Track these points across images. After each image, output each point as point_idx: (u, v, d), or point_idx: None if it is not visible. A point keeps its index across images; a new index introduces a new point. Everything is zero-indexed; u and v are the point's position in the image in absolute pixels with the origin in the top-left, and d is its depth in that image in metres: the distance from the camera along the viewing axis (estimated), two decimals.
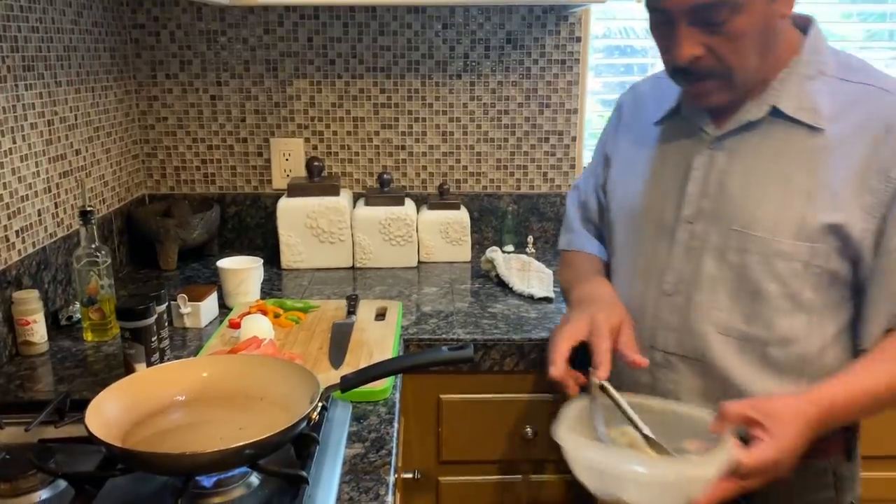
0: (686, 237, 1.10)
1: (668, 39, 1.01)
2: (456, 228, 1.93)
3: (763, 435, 0.92)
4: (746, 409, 0.94)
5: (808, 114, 1.03)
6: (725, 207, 1.06)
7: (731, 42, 0.98)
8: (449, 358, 1.05)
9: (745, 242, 1.04)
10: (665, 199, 1.12)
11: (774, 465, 0.92)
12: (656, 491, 0.91)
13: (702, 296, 1.08)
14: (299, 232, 1.87)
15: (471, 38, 1.99)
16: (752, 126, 1.06)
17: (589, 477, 0.95)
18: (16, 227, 1.41)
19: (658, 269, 1.12)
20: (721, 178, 1.07)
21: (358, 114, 2.04)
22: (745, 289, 1.05)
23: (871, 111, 1.02)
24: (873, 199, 1.00)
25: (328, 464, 1.00)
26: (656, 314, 1.12)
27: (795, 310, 1.04)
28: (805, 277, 1.03)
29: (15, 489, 0.92)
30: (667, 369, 1.12)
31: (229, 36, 1.97)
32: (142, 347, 1.22)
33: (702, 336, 1.08)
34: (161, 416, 1.01)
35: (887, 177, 0.99)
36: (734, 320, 1.06)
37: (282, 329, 1.44)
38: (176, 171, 2.06)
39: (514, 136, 2.06)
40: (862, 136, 1.01)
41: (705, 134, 1.10)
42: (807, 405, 0.95)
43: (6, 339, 1.36)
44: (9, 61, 1.40)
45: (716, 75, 1.01)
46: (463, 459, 1.53)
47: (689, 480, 0.90)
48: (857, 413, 1.02)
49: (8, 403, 1.19)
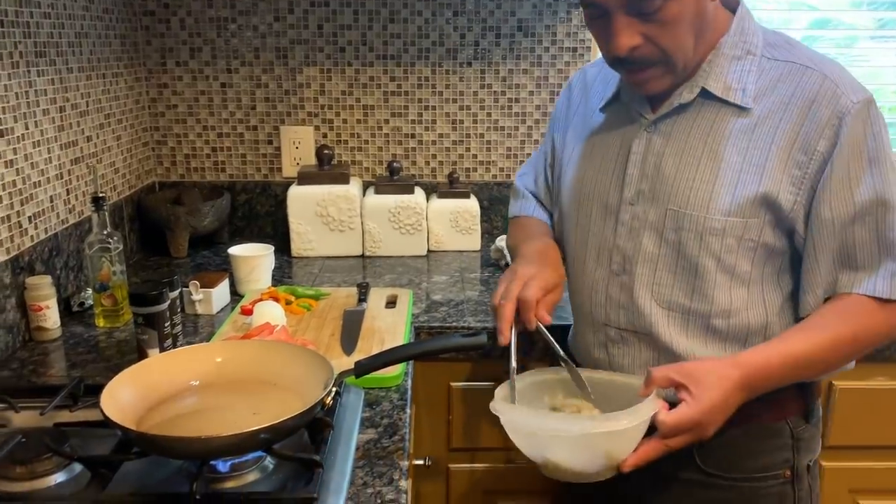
0: (628, 218, 1.13)
1: (605, 32, 1.03)
2: (466, 217, 1.93)
3: (686, 397, 0.96)
4: (671, 373, 0.99)
5: (736, 94, 1.06)
6: (661, 188, 1.09)
7: (666, 28, 1.00)
8: (463, 344, 1.06)
9: (680, 221, 1.07)
10: (609, 183, 1.16)
11: (696, 426, 0.96)
12: (576, 446, 0.96)
13: (644, 273, 1.12)
14: (309, 220, 1.87)
15: (481, 25, 1.98)
16: (684, 108, 1.09)
17: (521, 441, 1.01)
18: (28, 213, 1.41)
19: (607, 249, 1.16)
20: (657, 160, 1.10)
21: (368, 102, 2.03)
22: (683, 265, 1.09)
23: (794, 88, 1.04)
24: (800, 172, 1.03)
25: (342, 449, 1.00)
26: (608, 293, 1.16)
27: (733, 283, 1.08)
28: (740, 252, 1.06)
29: (31, 472, 0.92)
30: (621, 344, 1.16)
31: (239, 23, 1.97)
32: (155, 333, 1.22)
33: (647, 312, 1.12)
34: (175, 400, 1.02)
35: (814, 150, 1.02)
36: (676, 295, 1.10)
37: (293, 316, 1.45)
38: (186, 158, 2.06)
39: (525, 125, 2.05)
40: (787, 113, 1.03)
41: (643, 118, 1.13)
42: (731, 368, 0.98)
43: (19, 325, 1.36)
44: (21, 47, 1.40)
45: (655, 63, 1.03)
46: (472, 447, 1.53)
47: (607, 435, 0.94)
48: (786, 377, 1.04)
49: (22, 388, 1.19)
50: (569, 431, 0.95)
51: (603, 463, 0.97)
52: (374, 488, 0.94)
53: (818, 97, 1.02)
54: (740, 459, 1.12)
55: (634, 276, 1.12)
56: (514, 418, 0.99)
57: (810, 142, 1.02)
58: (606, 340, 1.17)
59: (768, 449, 1.13)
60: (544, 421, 0.99)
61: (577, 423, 0.97)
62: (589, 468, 0.98)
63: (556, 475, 1.00)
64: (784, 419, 1.13)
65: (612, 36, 1.01)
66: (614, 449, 0.96)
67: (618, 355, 1.17)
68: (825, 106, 1.01)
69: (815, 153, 1.02)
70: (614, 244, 1.14)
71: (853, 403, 1.55)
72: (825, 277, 1.05)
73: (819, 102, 1.02)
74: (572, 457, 0.97)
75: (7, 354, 1.32)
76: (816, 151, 1.02)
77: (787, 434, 1.13)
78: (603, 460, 0.97)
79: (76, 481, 0.93)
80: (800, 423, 1.14)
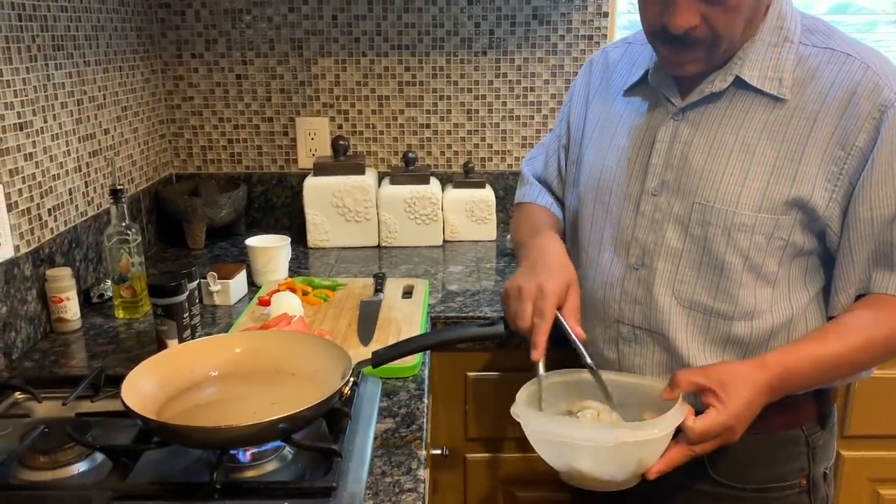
0: (650, 209, 1.08)
1: (663, 4, 0.98)
2: (481, 207, 1.92)
3: (714, 401, 0.93)
4: (697, 377, 0.95)
5: (772, 83, 1.01)
6: (688, 180, 1.05)
7: (728, 14, 0.96)
8: (480, 334, 1.05)
9: (707, 215, 1.03)
10: (630, 171, 1.11)
11: (725, 431, 0.93)
12: (606, 455, 0.92)
13: (665, 268, 1.07)
14: (325, 211, 1.87)
15: (496, 14, 1.97)
16: (716, 97, 1.04)
17: (545, 450, 0.97)
18: (48, 206, 1.43)
19: (624, 241, 1.11)
20: (684, 150, 1.06)
21: (383, 92, 2.03)
22: (707, 262, 1.04)
23: (834, 77, 0.99)
24: (837, 168, 0.98)
25: (360, 438, 1.01)
26: (624, 287, 1.11)
27: (759, 283, 1.03)
28: (768, 250, 1.02)
29: (54, 461, 0.94)
30: (634, 343, 1.11)
31: (254, 14, 1.97)
32: (174, 324, 1.23)
33: (666, 309, 1.07)
34: (195, 391, 1.03)
35: (852, 145, 0.98)
36: (698, 293, 1.05)
37: (310, 306, 1.45)
38: (202, 150, 2.07)
39: (540, 114, 2.04)
40: (825, 105, 0.99)
41: (671, 105, 1.08)
42: (758, 371, 0.95)
43: (41, 316, 1.38)
44: (39, 40, 1.41)
45: (702, 45, 0.99)
46: (490, 436, 1.53)
47: (640, 444, 0.91)
48: (812, 380, 1.01)
49: (44, 378, 1.21)
50: (603, 441, 0.91)
51: (632, 471, 0.94)
52: (392, 477, 0.95)
53: (859, 88, 0.97)
54: (753, 469, 1.08)
55: (654, 272, 1.07)
56: (540, 426, 0.95)
57: (848, 136, 0.97)
58: (618, 337, 1.13)
59: (783, 458, 1.09)
60: (574, 429, 0.95)
61: (609, 433, 0.92)
62: (617, 477, 0.94)
63: (581, 484, 0.96)
64: (799, 426, 1.09)
65: (672, 12, 0.96)
66: (644, 457, 0.93)
67: (629, 354, 1.12)
68: (866, 98, 0.97)
69: (853, 148, 0.97)
70: (633, 236, 1.10)
71: (873, 393, 1.53)
72: (859, 276, 1.01)
73: (860, 94, 0.97)
74: (600, 466, 0.93)
75: (29, 346, 1.34)
76: (855, 146, 0.97)
77: (802, 442, 1.09)
78: (633, 469, 0.93)
79: (98, 470, 0.94)
80: (815, 429, 1.10)
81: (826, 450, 1.12)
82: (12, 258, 1.30)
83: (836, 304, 1.04)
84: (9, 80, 1.31)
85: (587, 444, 0.92)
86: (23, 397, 1.12)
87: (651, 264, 1.08)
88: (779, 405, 0.98)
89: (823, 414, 1.11)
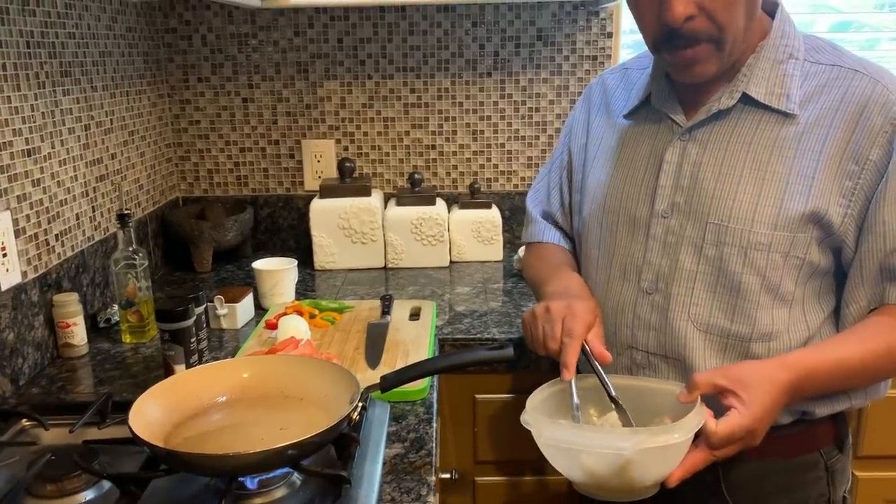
0: (661, 232, 1.07)
1: (655, 4, 0.96)
2: (487, 227, 1.92)
3: (735, 403, 0.91)
4: (717, 377, 0.93)
5: (780, 99, 1.01)
6: (700, 201, 1.03)
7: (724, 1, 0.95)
8: (489, 358, 1.04)
9: (721, 235, 1.01)
10: (637, 194, 1.09)
11: (748, 434, 0.91)
12: (624, 463, 0.89)
13: (680, 292, 1.05)
14: (332, 233, 1.87)
15: (501, 35, 1.98)
16: (723, 115, 1.03)
17: (557, 458, 0.94)
18: (55, 231, 1.43)
19: (635, 266, 1.09)
20: (693, 170, 1.04)
21: (388, 114, 2.04)
22: (724, 283, 1.03)
23: (843, 93, 0.99)
24: (851, 182, 0.98)
25: (369, 464, 1.00)
26: (636, 313, 1.09)
27: (776, 303, 1.02)
28: (785, 269, 1.00)
29: (61, 490, 0.93)
30: (647, 369, 1.09)
31: (260, 38, 1.98)
32: (181, 349, 1.23)
33: (682, 334, 1.05)
34: (202, 417, 1.02)
35: (866, 159, 0.97)
36: (715, 316, 1.03)
37: (318, 329, 1.45)
38: (209, 173, 2.08)
39: (546, 134, 2.04)
40: (836, 119, 0.98)
41: (676, 125, 1.07)
42: (779, 371, 0.93)
43: (47, 342, 1.38)
44: (47, 67, 1.41)
45: (706, 38, 0.97)
46: (499, 459, 1.52)
47: (657, 450, 0.88)
48: (833, 384, 0.99)
49: (51, 405, 1.20)
50: (621, 448, 0.88)
51: (652, 480, 0.91)
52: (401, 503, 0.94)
53: (869, 103, 0.97)
54: (773, 497, 1.06)
55: (670, 296, 1.05)
56: (553, 434, 0.93)
57: (861, 150, 0.97)
58: (631, 364, 1.10)
59: (801, 483, 1.07)
60: (589, 436, 0.92)
61: (627, 439, 0.89)
62: (636, 485, 0.91)
63: (596, 494, 0.94)
64: (817, 450, 1.07)
65: (667, 5, 0.94)
66: (663, 464, 0.90)
67: None
68: (877, 113, 0.97)
69: (867, 162, 0.97)
70: (644, 260, 1.08)
71: (887, 413, 1.52)
72: (872, 289, 1.00)
73: (871, 109, 0.97)
74: (618, 474, 0.90)
75: (36, 372, 1.34)
76: (869, 161, 0.97)
77: (821, 467, 1.07)
78: (652, 477, 0.91)
79: (105, 499, 0.93)
80: (833, 452, 1.08)
81: (844, 473, 1.10)
82: (19, 284, 1.30)
83: (847, 316, 1.03)
84: (17, 106, 1.32)
85: (604, 452, 0.89)
86: (30, 424, 1.12)
87: (666, 289, 1.06)
88: (795, 427, 0.97)
89: (840, 436, 1.09)
